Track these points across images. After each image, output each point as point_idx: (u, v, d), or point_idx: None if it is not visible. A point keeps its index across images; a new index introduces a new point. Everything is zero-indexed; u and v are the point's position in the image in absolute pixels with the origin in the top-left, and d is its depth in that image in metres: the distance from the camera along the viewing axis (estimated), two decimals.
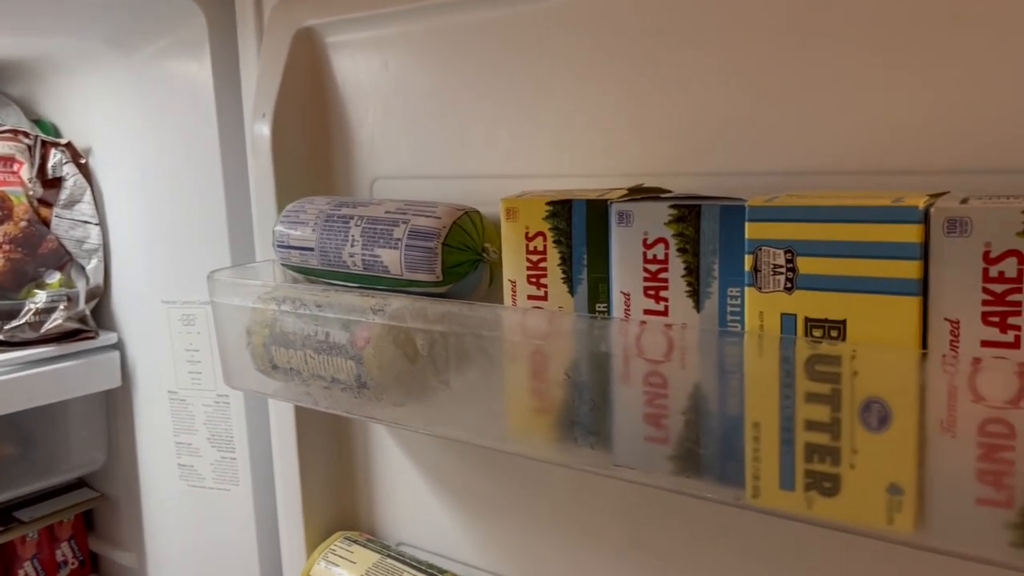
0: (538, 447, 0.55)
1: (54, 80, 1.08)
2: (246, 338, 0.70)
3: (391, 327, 0.61)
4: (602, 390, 0.51)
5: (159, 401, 1.02)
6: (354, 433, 0.85)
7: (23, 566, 1.11)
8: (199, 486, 1.00)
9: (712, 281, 0.47)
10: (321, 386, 0.66)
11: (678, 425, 0.48)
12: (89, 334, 1.01)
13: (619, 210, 0.50)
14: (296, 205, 0.73)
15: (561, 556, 0.72)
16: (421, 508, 0.81)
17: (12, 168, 0.99)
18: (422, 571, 0.76)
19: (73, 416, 1.06)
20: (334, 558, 0.79)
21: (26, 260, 0.97)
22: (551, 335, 0.52)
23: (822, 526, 0.44)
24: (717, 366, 0.46)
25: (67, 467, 1.09)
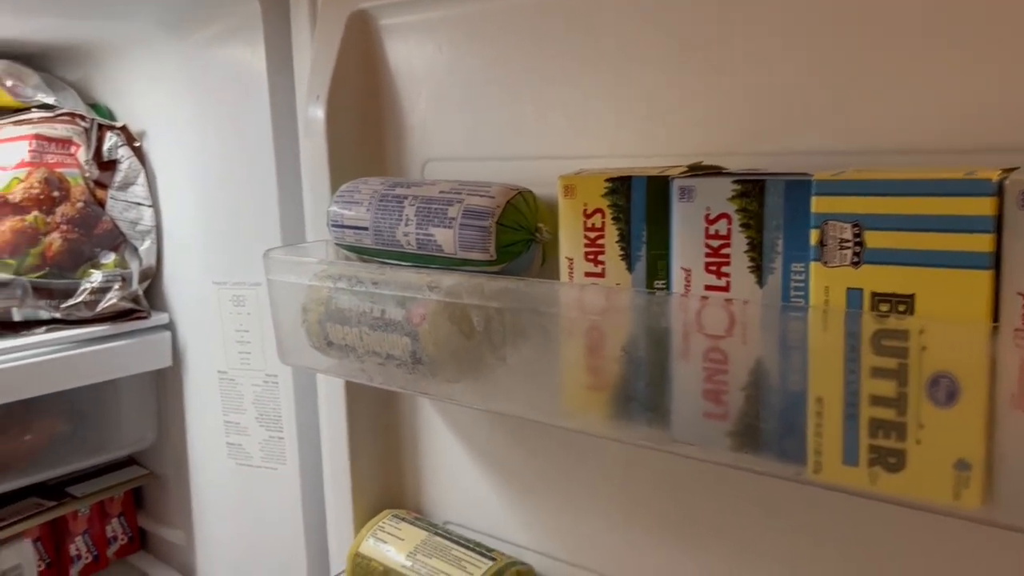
0: (593, 423, 0.55)
1: (109, 65, 1.10)
2: (301, 315, 0.71)
3: (447, 304, 0.61)
4: (660, 366, 0.51)
5: (208, 381, 1.04)
6: (402, 412, 0.86)
7: (75, 541, 1.13)
8: (247, 464, 1.02)
9: (775, 256, 0.47)
10: (376, 362, 0.67)
11: (738, 401, 0.49)
12: (142, 314, 1.03)
13: (681, 186, 0.50)
14: (350, 185, 0.73)
15: (609, 535, 0.72)
16: (468, 487, 0.82)
17: (69, 150, 1.01)
18: (471, 549, 0.76)
19: (124, 395, 1.08)
20: (383, 535, 0.80)
21: (83, 240, 0.99)
22: (609, 311, 0.52)
23: (885, 501, 0.44)
24: (779, 341, 0.46)
25: (118, 445, 1.11)
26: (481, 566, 0.74)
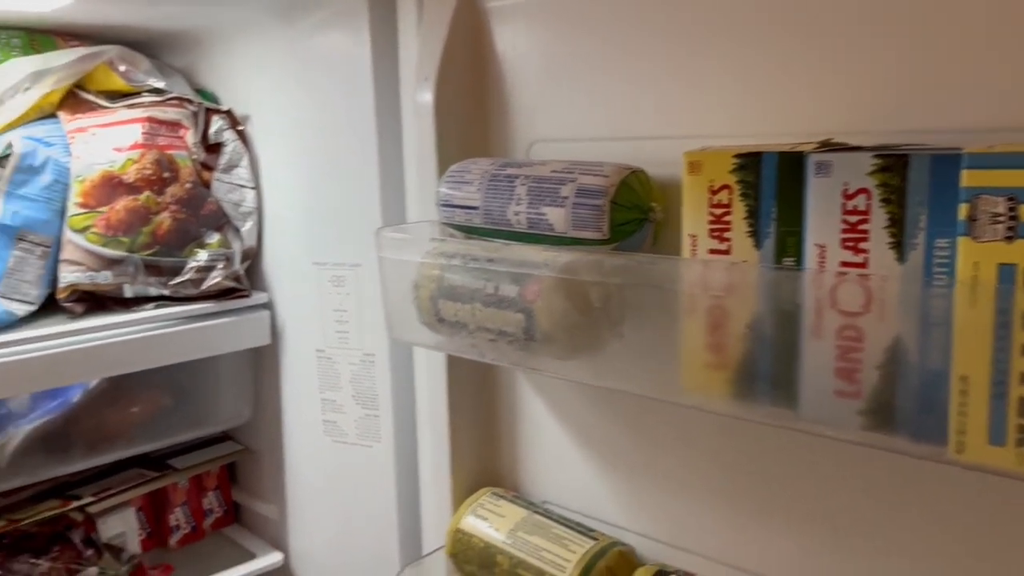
0: (715, 401, 0.55)
1: (215, 51, 1.13)
2: (413, 292, 0.73)
3: (562, 280, 0.62)
4: (788, 344, 0.51)
5: (306, 359, 1.06)
6: (500, 390, 0.87)
7: (174, 511, 1.17)
8: (342, 442, 1.04)
9: (918, 232, 0.46)
10: (487, 338, 0.68)
11: (872, 379, 0.48)
12: (243, 293, 1.06)
13: (817, 160, 0.49)
14: (460, 166, 0.74)
15: (711, 518, 0.72)
16: (566, 466, 0.82)
17: (178, 133, 1.05)
18: (572, 528, 0.77)
19: (224, 372, 1.12)
20: (483, 512, 0.81)
21: (190, 220, 1.03)
22: (737, 287, 0.52)
23: None
24: (921, 318, 0.46)
25: (216, 420, 1.15)
26: (583, 545, 0.74)
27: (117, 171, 0.99)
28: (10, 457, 0.95)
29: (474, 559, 0.80)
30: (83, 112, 1.02)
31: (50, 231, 0.97)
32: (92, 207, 0.98)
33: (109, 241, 0.97)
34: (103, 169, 0.99)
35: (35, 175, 0.95)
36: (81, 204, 0.97)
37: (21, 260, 0.94)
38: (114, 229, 0.98)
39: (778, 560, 0.68)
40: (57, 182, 0.98)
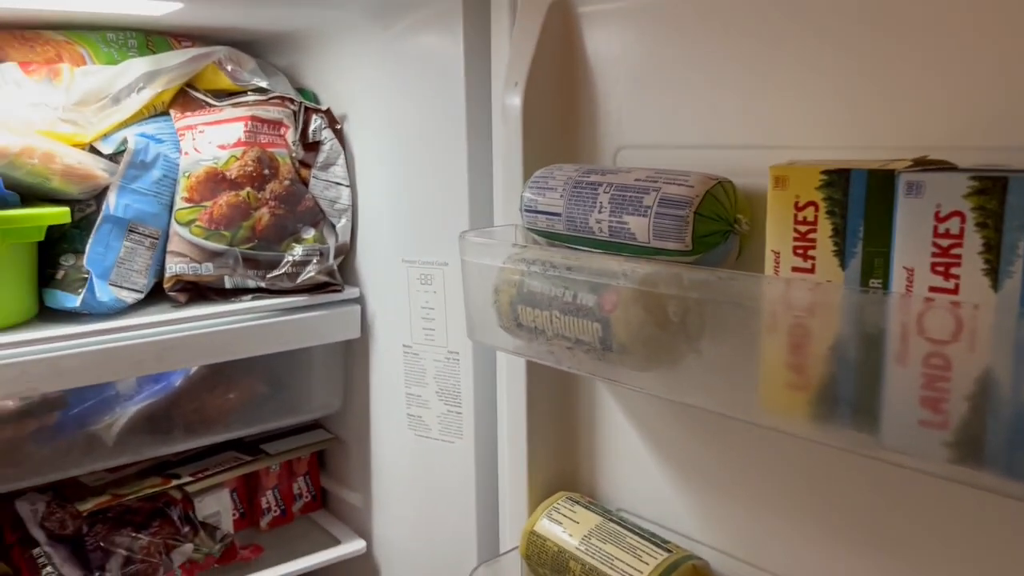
0: (794, 423, 0.54)
1: (316, 52, 1.17)
2: (493, 296, 0.73)
3: (640, 292, 0.61)
4: (872, 369, 0.49)
5: (393, 354, 1.09)
6: (580, 396, 0.87)
7: (265, 495, 1.22)
8: (425, 436, 1.06)
9: (1016, 260, 0.44)
10: (564, 346, 0.68)
11: (960, 410, 0.46)
12: (336, 287, 1.09)
13: (908, 180, 0.47)
14: (544, 171, 0.75)
15: (791, 537, 0.70)
16: (642, 475, 0.82)
17: (279, 132, 1.09)
18: (645, 538, 0.76)
19: (316, 363, 1.16)
20: (557, 516, 0.82)
21: (287, 216, 1.06)
22: (819, 307, 0.51)
23: None
24: (1015, 349, 0.43)
25: (308, 409, 1.19)
26: (657, 556, 0.74)
27: (221, 167, 1.03)
28: (116, 436, 1.01)
29: (547, 563, 0.80)
30: (192, 110, 1.07)
31: (159, 224, 1.02)
32: (197, 202, 1.02)
33: (211, 235, 1.02)
34: (208, 165, 1.03)
35: (146, 170, 1.01)
36: (187, 199, 1.02)
37: (131, 251, 0.99)
38: (216, 223, 1.02)
39: None
40: (166, 177, 1.03)
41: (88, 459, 1.00)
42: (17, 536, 1.01)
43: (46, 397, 0.94)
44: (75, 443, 0.99)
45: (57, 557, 0.99)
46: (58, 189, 0.94)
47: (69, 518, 1.03)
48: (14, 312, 0.93)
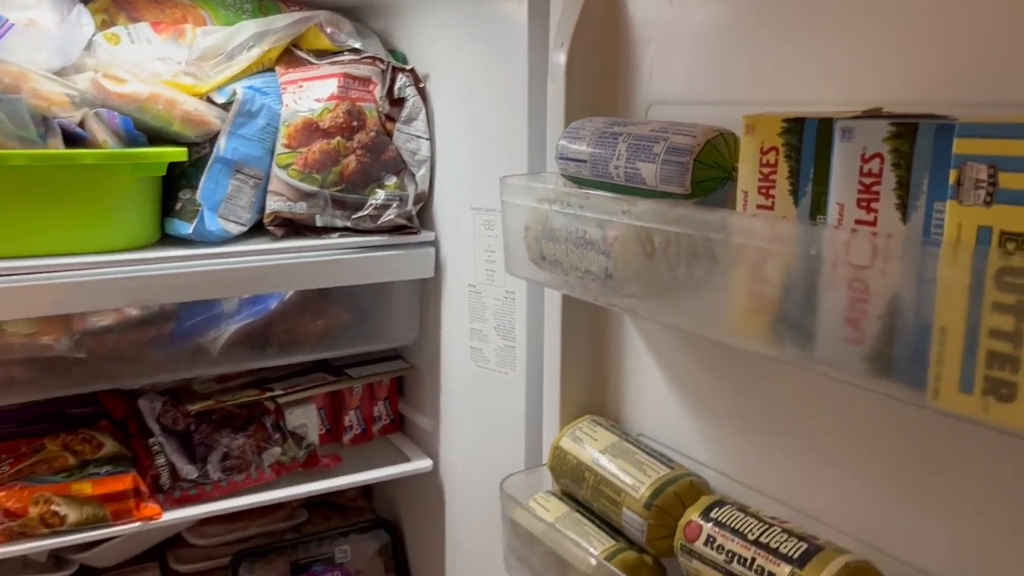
0: (751, 340, 0.61)
1: (407, 17, 1.29)
2: (524, 232, 0.83)
3: (635, 227, 0.70)
4: (811, 294, 0.56)
5: (460, 292, 1.20)
6: (609, 332, 0.96)
7: (348, 414, 1.37)
8: (484, 367, 1.18)
9: (920, 196, 0.50)
10: (577, 276, 0.77)
11: (874, 328, 0.52)
12: (413, 230, 1.22)
13: (843, 126, 0.54)
14: (578, 123, 0.83)
15: (785, 462, 0.77)
16: (660, 404, 0.90)
17: (368, 88, 1.21)
18: (653, 456, 0.85)
19: (396, 298, 1.29)
20: (580, 434, 0.91)
21: (372, 164, 1.19)
22: (772, 239, 0.58)
23: (996, 431, 0.47)
24: (915, 275, 0.50)
25: (388, 339, 1.33)
26: (659, 471, 0.82)
27: (315, 118, 1.17)
28: (220, 348, 1.18)
29: (567, 474, 0.90)
30: (294, 67, 1.21)
31: (261, 166, 1.17)
32: (294, 148, 1.17)
33: (305, 177, 1.16)
34: (304, 116, 1.17)
35: (252, 119, 1.16)
36: (286, 145, 1.17)
37: (238, 189, 1.15)
38: (310, 167, 1.16)
39: (843, 509, 0.72)
40: (269, 125, 1.17)
41: (195, 366, 1.17)
42: (137, 427, 1.19)
43: (163, 309, 1.11)
44: (185, 351, 1.16)
45: (168, 447, 1.17)
46: (178, 132, 1.11)
47: (180, 416, 1.21)
48: (141, 236, 1.11)
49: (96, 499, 1.06)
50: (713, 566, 0.72)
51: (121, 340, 1.09)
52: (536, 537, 0.88)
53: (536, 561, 0.88)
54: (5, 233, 0.99)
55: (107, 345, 1.09)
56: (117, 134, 1.06)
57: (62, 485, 1.06)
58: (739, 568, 0.70)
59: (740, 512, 0.74)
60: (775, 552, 0.68)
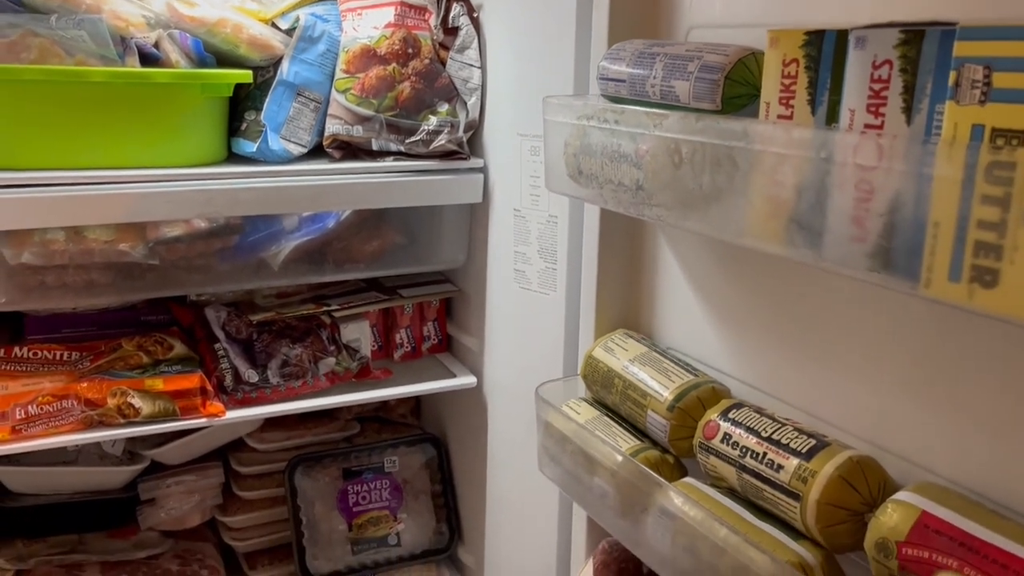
0: (767, 242, 0.65)
1: None
2: (563, 149, 0.88)
3: (665, 139, 0.74)
4: (821, 195, 0.60)
5: (506, 216, 1.26)
6: (645, 252, 1.00)
7: (399, 332, 1.45)
8: (527, 289, 1.23)
9: (924, 99, 0.53)
10: (610, 189, 0.82)
11: (877, 226, 0.56)
12: (463, 156, 1.27)
13: (857, 36, 0.57)
14: (618, 45, 0.87)
15: (798, 371, 0.81)
16: (689, 318, 0.95)
17: (423, 16, 1.26)
18: (679, 365, 0.90)
19: (446, 221, 1.35)
20: (612, 345, 0.97)
21: (425, 91, 1.24)
22: (786, 144, 0.62)
23: (981, 315, 0.50)
24: (915, 172, 0.53)
25: (438, 261, 1.39)
26: (683, 378, 0.87)
27: (373, 45, 1.23)
28: (281, 263, 1.25)
29: (598, 381, 0.96)
30: None
31: (322, 90, 1.23)
32: (352, 73, 1.22)
33: (362, 102, 1.22)
34: (363, 43, 1.23)
35: (314, 44, 1.22)
36: (344, 70, 1.23)
37: (299, 111, 1.21)
38: (367, 92, 1.22)
39: (854, 412, 0.76)
40: (329, 51, 1.23)
41: (257, 278, 1.25)
42: (204, 334, 1.29)
43: (228, 222, 1.19)
44: (249, 264, 1.24)
45: (232, 352, 1.26)
46: (244, 56, 1.17)
47: (243, 326, 1.29)
48: (209, 153, 1.18)
49: (167, 395, 1.16)
50: (727, 461, 0.77)
51: (190, 250, 1.18)
52: (567, 437, 0.94)
53: (566, 459, 0.95)
54: (86, 145, 1.07)
55: (177, 254, 1.17)
56: (188, 55, 1.13)
57: (136, 380, 1.16)
58: (751, 462, 0.75)
59: (756, 413, 0.79)
60: (785, 447, 0.73)
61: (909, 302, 0.71)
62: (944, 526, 0.60)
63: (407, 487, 1.51)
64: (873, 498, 0.68)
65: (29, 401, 1.09)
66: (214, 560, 1.42)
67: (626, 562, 1.01)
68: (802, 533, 0.72)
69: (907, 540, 0.62)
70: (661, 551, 0.79)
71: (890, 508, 0.64)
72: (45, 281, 1.14)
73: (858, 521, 0.68)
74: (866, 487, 0.68)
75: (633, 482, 0.84)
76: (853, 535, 0.68)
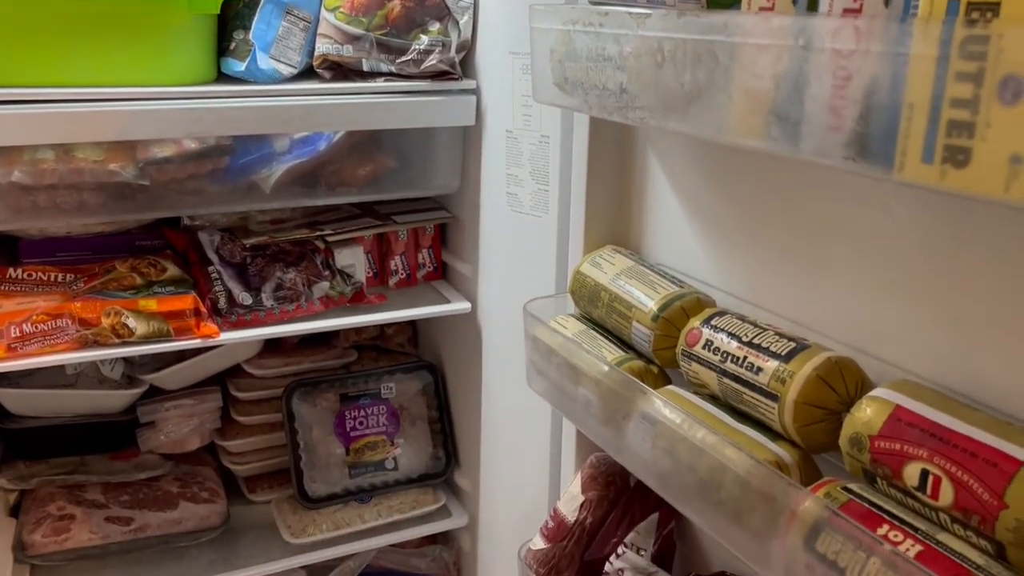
0: (747, 138, 0.65)
1: None
2: (549, 56, 0.87)
3: (648, 39, 0.72)
4: (799, 84, 0.59)
5: (498, 139, 1.25)
6: (635, 164, 0.99)
7: (394, 259, 1.45)
8: (520, 212, 1.23)
9: None
10: (595, 94, 0.81)
11: (854, 113, 0.55)
12: (455, 76, 1.25)
13: None
14: None
15: (782, 280, 0.81)
16: (679, 234, 0.94)
17: None
18: (666, 278, 0.90)
19: (440, 146, 1.34)
20: (599, 260, 0.97)
21: (416, 9, 1.22)
22: (765, 33, 0.60)
23: (953, 195, 0.50)
24: (891, 53, 0.52)
25: (432, 186, 1.39)
26: (669, 289, 0.87)
27: None
28: (272, 185, 1.25)
29: (585, 296, 0.96)
30: None
31: (311, 8, 1.21)
32: None
33: (352, 20, 1.20)
34: None
35: None
36: None
37: (288, 30, 1.20)
38: (356, 10, 1.20)
39: (836, 319, 0.77)
40: None
41: (249, 200, 1.25)
42: (197, 257, 1.29)
43: (218, 143, 1.18)
44: (240, 187, 1.24)
45: (226, 275, 1.26)
46: None
47: (237, 249, 1.30)
48: (198, 72, 1.17)
49: (161, 315, 1.17)
50: (709, 367, 0.78)
51: (181, 171, 1.17)
52: (554, 350, 0.95)
53: (553, 372, 0.95)
54: (74, 63, 1.06)
55: (168, 175, 1.17)
56: None
57: (130, 300, 1.16)
58: (731, 366, 0.75)
59: (738, 320, 0.79)
60: (765, 351, 0.73)
61: (893, 205, 0.71)
62: (916, 419, 0.61)
63: (404, 413, 1.52)
64: (850, 397, 0.68)
65: (24, 319, 1.10)
66: (214, 483, 1.45)
67: (613, 475, 1.02)
68: (780, 435, 0.73)
69: (879, 433, 0.62)
70: (642, 455, 0.80)
71: (864, 404, 0.64)
72: (37, 202, 1.14)
73: (835, 420, 0.68)
74: (843, 387, 0.68)
75: (616, 390, 0.84)
76: (830, 434, 0.69)
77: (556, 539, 1.02)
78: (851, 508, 0.62)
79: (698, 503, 0.74)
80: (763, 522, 0.66)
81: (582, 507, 1.01)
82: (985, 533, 0.55)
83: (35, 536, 1.26)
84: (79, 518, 1.30)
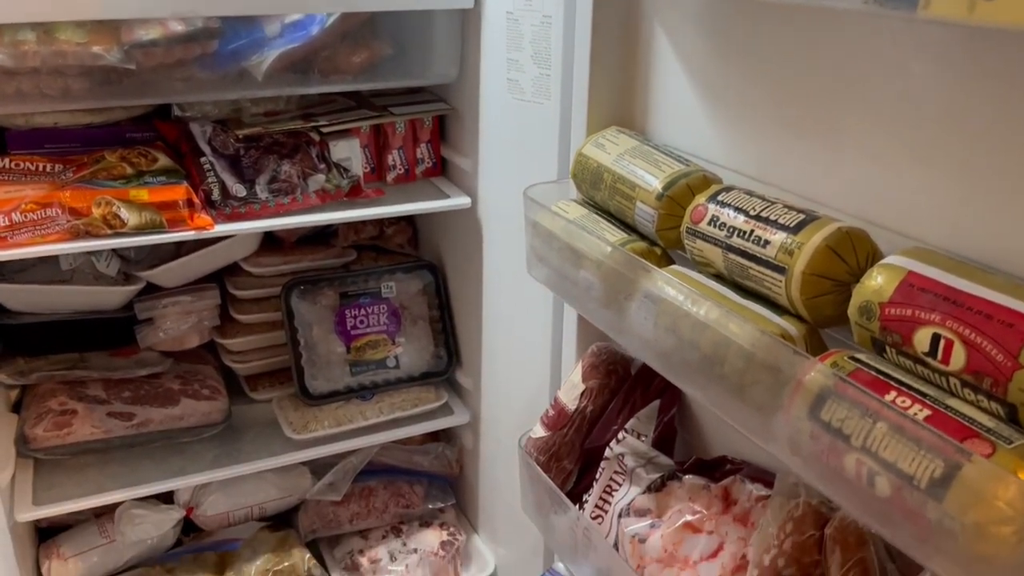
0: None
1: None
2: None
3: None
4: None
5: (499, 23, 1.19)
6: (640, 41, 0.95)
7: (392, 153, 1.41)
8: (520, 99, 1.18)
9: None
10: None
11: None
12: None
13: None
14: None
15: (798, 155, 0.78)
16: (685, 114, 0.91)
17: None
18: (671, 156, 0.86)
19: (436, 31, 1.28)
20: (603, 141, 0.93)
21: None
22: None
23: (981, 29, 0.46)
24: None
25: (429, 75, 1.34)
26: (674, 167, 0.84)
27: None
28: (264, 72, 1.20)
29: (587, 179, 0.93)
30: None
31: None
32: None
33: None
34: None
35: None
36: None
37: None
38: None
39: (848, 191, 0.74)
40: None
41: (240, 87, 1.21)
42: (189, 148, 1.25)
43: (206, 26, 1.13)
44: (230, 73, 1.19)
45: (219, 166, 1.23)
46: None
47: (230, 140, 1.26)
48: None
49: (152, 206, 1.14)
50: (714, 243, 0.75)
51: (168, 55, 1.13)
52: (555, 234, 0.92)
53: (554, 257, 0.93)
54: None
55: (155, 59, 1.12)
56: None
57: (121, 190, 1.14)
58: (737, 241, 0.73)
59: (746, 195, 0.76)
60: (773, 223, 0.70)
61: (912, 64, 0.67)
62: (929, 283, 0.58)
63: (405, 312, 1.51)
64: (860, 268, 0.66)
65: (12, 208, 1.08)
66: (215, 381, 1.44)
67: (614, 364, 1.01)
68: (787, 309, 0.71)
69: (890, 300, 0.60)
70: (643, 334, 0.78)
71: (875, 271, 0.62)
72: (20, 87, 1.10)
73: (843, 292, 0.66)
74: (854, 257, 0.66)
75: (619, 270, 0.82)
76: (838, 307, 0.66)
77: (556, 427, 1.01)
78: (858, 376, 0.60)
79: (701, 379, 0.72)
80: (768, 394, 0.65)
81: (583, 396, 1.00)
82: (997, 395, 0.54)
83: (37, 430, 1.27)
84: (81, 413, 1.30)
